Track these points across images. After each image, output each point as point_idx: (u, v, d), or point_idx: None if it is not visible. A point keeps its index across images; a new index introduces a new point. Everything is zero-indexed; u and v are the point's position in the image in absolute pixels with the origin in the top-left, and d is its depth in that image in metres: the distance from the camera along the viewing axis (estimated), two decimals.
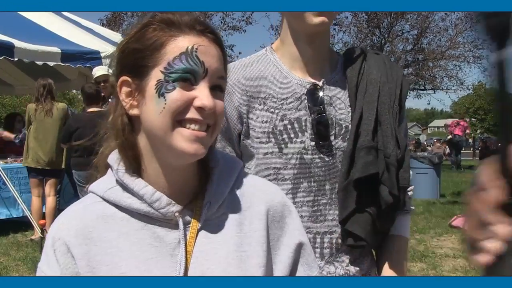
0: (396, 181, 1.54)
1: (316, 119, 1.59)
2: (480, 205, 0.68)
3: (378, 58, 1.69)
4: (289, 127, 1.61)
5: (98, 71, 7.24)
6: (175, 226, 1.10)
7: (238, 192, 1.19)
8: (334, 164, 1.61)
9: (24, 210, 7.08)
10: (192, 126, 1.04)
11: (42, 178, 7.43)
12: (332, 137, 1.61)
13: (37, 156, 7.24)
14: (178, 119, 1.03)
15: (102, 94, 6.60)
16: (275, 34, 16.93)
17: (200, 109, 1.03)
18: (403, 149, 1.57)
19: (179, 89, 1.02)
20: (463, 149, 22.54)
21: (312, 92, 1.61)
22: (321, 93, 1.62)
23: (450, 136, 20.86)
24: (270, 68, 1.66)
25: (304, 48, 1.63)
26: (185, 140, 1.03)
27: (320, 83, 1.63)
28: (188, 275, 1.06)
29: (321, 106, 1.60)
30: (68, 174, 7.51)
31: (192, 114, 1.03)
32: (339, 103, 1.64)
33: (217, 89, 1.08)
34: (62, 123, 7.20)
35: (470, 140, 39.77)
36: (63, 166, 7.43)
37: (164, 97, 1.02)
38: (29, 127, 7.37)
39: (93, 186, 1.16)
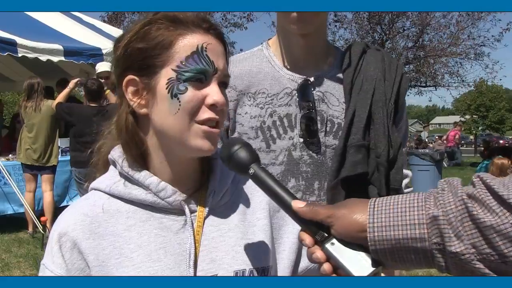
0: (386, 182, 1.50)
1: (305, 115, 1.56)
2: None
3: (377, 54, 1.64)
4: (278, 123, 1.57)
5: (101, 67, 7.24)
6: (181, 215, 1.11)
7: (239, 184, 1.22)
8: (324, 161, 1.57)
9: (25, 206, 7.09)
10: (207, 123, 1.05)
11: (36, 174, 7.46)
12: (322, 134, 1.57)
13: (28, 152, 7.30)
14: (193, 119, 1.04)
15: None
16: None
17: (212, 106, 1.05)
18: (396, 149, 1.52)
19: (191, 89, 1.03)
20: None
21: (303, 87, 1.58)
22: (312, 89, 1.58)
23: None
24: (263, 63, 1.64)
25: (296, 43, 1.59)
26: (200, 137, 1.05)
27: (312, 79, 1.59)
28: (198, 263, 1.08)
29: (310, 102, 1.56)
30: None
31: (206, 113, 1.05)
32: (332, 99, 1.60)
33: (223, 85, 1.10)
34: (52, 120, 7.27)
35: (471, 137, 39.68)
36: (54, 163, 7.45)
37: (178, 98, 1.03)
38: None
39: (95, 184, 1.16)
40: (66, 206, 4.21)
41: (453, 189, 0.90)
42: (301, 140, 1.57)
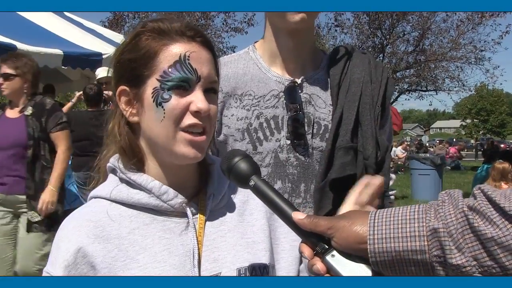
0: None
1: (292, 117, 1.56)
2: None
3: (363, 57, 1.65)
4: (265, 125, 1.58)
5: (101, 72, 7.25)
6: (183, 218, 1.14)
7: (235, 187, 1.25)
8: (310, 164, 1.57)
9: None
10: (191, 130, 1.08)
11: None
12: (309, 136, 1.57)
13: None
14: (178, 126, 1.07)
15: (104, 95, 6.61)
16: None
17: (196, 113, 1.07)
18: (384, 151, 1.53)
19: (174, 96, 1.07)
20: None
21: (290, 89, 1.58)
22: (299, 91, 1.59)
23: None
24: (249, 65, 1.65)
25: (284, 44, 1.60)
26: (185, 145, 1.08)
27: (299, 81, 1.60)
28: (202, 263, 1.11)
29: (297, 104, 1.56)
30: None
31: (190, 120, 1.07)
32: (319, 102, 1.61)
33: (211, 91, 1.12)
34: None
35: (472, 141, 39.72)
36: None
37: (162, 107, 1.07)
38: None
39: (95, 192, 1.18)
40: (65, 210, 4.20)
41: (453, 201, 0.90)
42: (288, 142, 1.57)
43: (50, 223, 4.03)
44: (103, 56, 8.39)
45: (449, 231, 0.86)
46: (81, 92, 7.11)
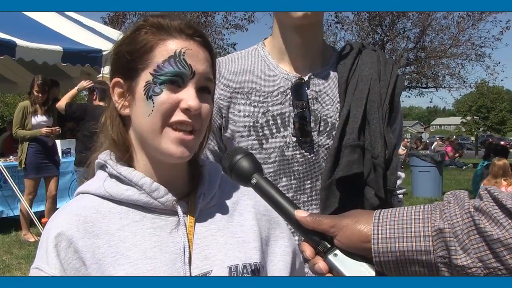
0: (383, 183, 1.49)
1: (298, 114, 1.56)
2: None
3: (373, 54, 1.63)
4: (271, 121, 1.58)
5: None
6: (173, 216, 1.14)
7: (225, 188, 1.25)
8: (316, 161, 1.57)
9: (27, 208, 7.07)
10: (179, 127, 1.07)
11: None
12: (315, 134, 1.57)
13: None
14: (166, 121, 1.06)
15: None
16: None
17: (186, 111, 1.06)
18: (391, 150, 1.52)
19: (166, 91, 1.06)
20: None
21: (297, 86, 1.57)
22: (306, 88, 1.58)
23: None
24: (257, 62, 1.64)
25: (291, 41, 1.59)
26: (172, 142, 1.07)
27: (306, 77, 1.59)
28: (192, 261, 1.10)
29: (303, 102, 1.56)
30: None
31: (179, 116, 1.06)
32: (327, 99, 1.60)
33: (205, 91, 1.11)
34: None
35: (473, 138, 39.71)
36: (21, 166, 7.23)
37: (152, 100, 1.06)
38: None
39: (84, 187, 1.17)
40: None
41: (459, 202, 0.89)
42: (294, 139, 1.57)
43: None
44: (103, 53, 8.38)
45: (455, 232, 0.85)
46: (90, 82, 7.02)
